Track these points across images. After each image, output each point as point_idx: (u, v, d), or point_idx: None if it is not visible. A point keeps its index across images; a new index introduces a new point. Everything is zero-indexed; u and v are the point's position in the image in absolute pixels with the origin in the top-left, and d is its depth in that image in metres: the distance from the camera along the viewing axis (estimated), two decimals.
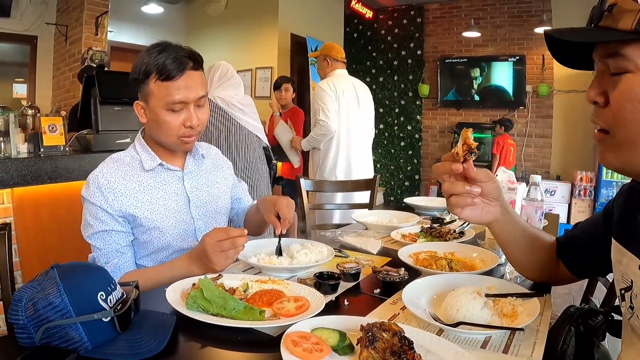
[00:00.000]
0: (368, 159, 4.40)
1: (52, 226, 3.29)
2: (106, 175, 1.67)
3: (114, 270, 1.62)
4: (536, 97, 8.24)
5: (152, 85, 1.63)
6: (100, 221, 1.64)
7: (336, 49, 4.28)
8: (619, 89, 0.91)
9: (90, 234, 1.65)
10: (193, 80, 1.65)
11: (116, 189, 1.66)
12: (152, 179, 1.74)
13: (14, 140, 3.26)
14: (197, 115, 1.68)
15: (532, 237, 1.42)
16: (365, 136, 4.34)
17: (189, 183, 1.82)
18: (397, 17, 9.49)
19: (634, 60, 0.88)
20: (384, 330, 1.01)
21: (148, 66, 1.62)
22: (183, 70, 1.62)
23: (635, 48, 0.87)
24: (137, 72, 1.65)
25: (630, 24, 0.85)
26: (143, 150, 1.76)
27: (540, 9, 7.99)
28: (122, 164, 1.73)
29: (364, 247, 1.99)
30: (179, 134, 1.68)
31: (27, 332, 1.02)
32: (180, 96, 1.62)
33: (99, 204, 1.64)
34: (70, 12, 6.68)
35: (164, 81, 1.61)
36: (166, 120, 1.65)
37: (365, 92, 4.33)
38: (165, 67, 1.60)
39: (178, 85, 1.62)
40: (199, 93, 1.67)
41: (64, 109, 5.72)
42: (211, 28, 8.25)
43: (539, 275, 1.48)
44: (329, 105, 4.01)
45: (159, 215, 1.71)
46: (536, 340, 1.15)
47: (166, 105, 1.63)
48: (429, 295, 1.39)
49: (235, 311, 1.24)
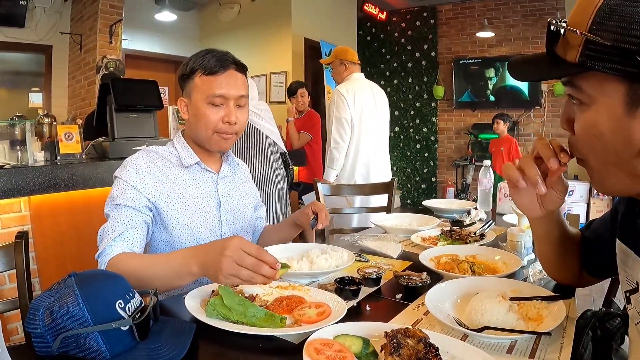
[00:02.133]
0: (386, 162, 4.36)
1: (70, 234, 3.30)
2: (146, 160, 1.70)
3: (116, 238, 1.54)
4: (552, 97, 8.15)
5: (196, 79, 1.72)
6: (125, 196, 1.63)
7: (351, 52, 4.24)
8: (580, 124, 0.89)
9: (110, 205, 1.64)
10: (235, 79, 1.73)
11: (153, 175, 1.68)
12: (187, 176, 1.76)
13: (31, 148, 3.28)
14: (236, 113, 1.72)
15: (569, 238, 1.35)
16: (382, 139, 4.31)
17: (222, 187, 1.84)
18: (410, 18, 9.46)
19: (586, 92, 0.85)
20: (408, 336, 0.99)
21: (195, 64, 1.72)
22: (226, 68, 1.71)
23: (585, 79, 0.85)
24: (185, 69, 1.75)
25: (575, 56, 0.83)
26: (182, 147, 1.80)
27: (553, 7, 7.92)
28: (159, 157, 1.75)
29: (384, 251, 1.96)
30: (217, 128, 1.72)
31: (44, 341, 1.02)
32: (222, 90, 1.69)
33: (132, 182, 1.64)
34: (85, 21, 6.74)
35: (207, 75, 1.70)
36: (206, 114, 1.70)
37: (381, 95, 4.30)
38: (210, 63, 1.70)
39: (220, 80, 1.70)
40: (240, 92, 1.74)
41: (79, 117, 5.78)
42: (225, 34, 8.28)
43: (565, 276, 1.45)
44: (345, 114, 3.98)
45: (188, 211, 1.72)
46: (562, 344, 1.13)
47: (207, 98, 1.70)
48: (452, 300, 1.36)
49: (255, 318, 1.22)
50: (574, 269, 1.40)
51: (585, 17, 0.82)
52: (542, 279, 1.56)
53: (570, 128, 0.94)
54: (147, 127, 3.75)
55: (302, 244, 1.79)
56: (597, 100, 0.84)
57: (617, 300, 1.97)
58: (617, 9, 0.77)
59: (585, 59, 0.81)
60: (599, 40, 0.79)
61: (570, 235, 1.36)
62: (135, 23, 7.53)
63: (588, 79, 0.84)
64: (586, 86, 0.85)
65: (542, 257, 1.43)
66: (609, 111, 0.83)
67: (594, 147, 0.88)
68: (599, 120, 0.85)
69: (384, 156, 4.35)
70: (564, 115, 0.96)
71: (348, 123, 4.00)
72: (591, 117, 0.86)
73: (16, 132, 3.29)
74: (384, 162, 4.31)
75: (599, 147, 0.87)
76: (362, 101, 4.07)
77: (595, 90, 0.84)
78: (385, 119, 4.33)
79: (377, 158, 4.22)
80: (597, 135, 0.86)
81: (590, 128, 0.87)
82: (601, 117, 0.84)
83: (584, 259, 1.36)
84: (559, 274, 1.46)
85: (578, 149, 0.95)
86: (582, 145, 0.92)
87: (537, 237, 1.37)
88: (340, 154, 4.04)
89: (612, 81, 0.81)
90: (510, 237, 1.91)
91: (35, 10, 6.59)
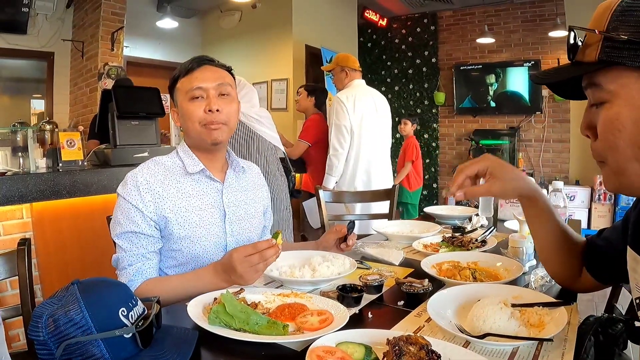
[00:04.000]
0: (387, 169, 4.40)
1: (72, 240, 3.30)
2: (145, 176, 1.69)
3: (135, 274, 1.61)
4: (552, 102, 8.16)
5: (178, 85, 1.78)
6: (131, 221, 1.64)
7: (352, 59, 4.30)
8: (602, 121, 0.94)
9: (118, 233, 1.65)
10: (211, 71, 1.77)
11: (154, 190, 1.67)
12: (191, 186, 1.75)
13: (33, 155, 3.28)
14: (218, 102, 1.73)
15: (564, 232, 1.42)
16: (383, 146, 4.36)
17: (227, 197, 1.82)
18: (410, 25, 9.49)
19: (606, 88, 0.91)
20: (410, 343, 0.99)
21: (175, 73, 1.80)
22: (201, 64, 1.76)
23: (604, 75, 0.91)
24: (170, 82, 1.82)
25: (594, 55, 0.90)
26: (186, 155, 1.79)
27: (553, 12, 7.94)
28: (162, 167, 1.75)
29: (385, 258, 1.96)
30: (202, 120, 1.72)
31: (47, 348, 1.01)
32: (198, 82, 1.73)
33: (134, 202, 1.64)
34: (86, 28, 6.76)
35: (185, 76, 1.76)
36: (188, 109, 1.73)
37: (383, 102, 4.35)
38: (186, 65, 1.77)
39: (196, 75, 1.74)
40: (219, 80, 1.76)
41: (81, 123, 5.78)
42: (226, 41, 8.29)
43: (564, 276, 1.48)
44: (345, 122, 4.05)
45: (192, 224, 1.71)
46: (564, 350, 1.13)
47: (187, 94, 1.73)
48: (454, 307, 1.36)
49: (258, 326, 1.22)
50: (572, 266, 1.43)
51: (602, 20, 0.90)
52: (543, 285, 1.57)
53: (592, 134, 0.98)
54: (149, 134, 3.76)
55: (304, 252, 1.79)
56: (617, 94, 0.90)
57: (619, 306, 1.97)
58: (630, 8, 0.86)
59: (604, 56, 0.89)
60: (616, 36, 0.87)
61: (565, 230, 1.43)
62: (137, 30, 7.55)
63: (607, 75, 0.90)
64: (606, 82, 0.91)
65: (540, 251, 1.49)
66: (629, 103, 0.88)
67: (616, 143, 0.92)
68: (620, 112, 0.90)
69: (385, 163, 4.37)
70: (584, 122, 0.99)
71: (347, 130, 4.06)
72: (613, 112, 0.91)
73: (18, 139, 3.28)
74: (385, 169, 4.34)
75: (620, 142, 0.91)
76: (362, 108, 4.11)
77: (615, 84, 0.89)
78: (386, 125, 4.37)
79: (378, 164, 4.25)
80: (619, 129, 0.90)
81: (613, 122, 0.91)
82: (622, 110, 0.89)
83: (593, 265, 1.39)
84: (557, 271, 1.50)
85: (599, 152, 0.98)
86: (603, 144, 0.95)
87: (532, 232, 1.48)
88: (340, 161, 4.10)
89: (630, 73, 0.87)
90: (511, 243, 1.91)
91: (37, 17, 6.60)
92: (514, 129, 8.45)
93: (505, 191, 1.37)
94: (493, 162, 1.35)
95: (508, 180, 1.35)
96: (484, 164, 1.35)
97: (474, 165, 1.35)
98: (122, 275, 1.63)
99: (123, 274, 1.62)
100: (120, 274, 1.64)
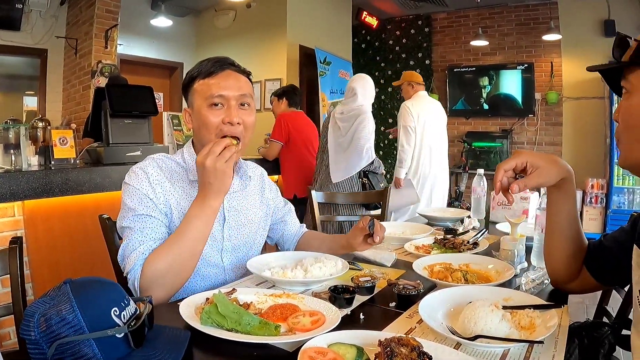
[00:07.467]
0: (444, 164, 5.34)
1: (63, 238, 3.29)
2: (156, 169, 1.69)
3: (144, 252, 1.55)
4: (545, 105, 8.21)
5: (196, 86, 1.72)
6: (144, 205, 1.62)
7: (416, 75, 5.39)
8: (622, 107, 1.19)
9: (130, 216, 1.61)
10: (234, 78, 1.72)
11: (163, 184, 1.67)
12: (194, 190, 1.69)
13: (25, 152, 3.27)
14: (239, 114, 1.69)
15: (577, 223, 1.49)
16: (441, 145, 5.28)
17: (229, 202, 1.81)
18: (404, 27, 9.52)
19: (631, 82, 1.16)
20: (402, 345, 1.00)
21: (193, 71, 1.74)
22: (223, 68, 1.71)
23: (632, 73, 1.15)
24: (186, 79, 1.76)
25: (629, 56, 1.14)
26: (191, 158, 1.76)
27: (547, 16, 8.00)
28: (167, 167, 1.74)
29: (377, 260, 1.96)
30: (219, 131, 1.67)
31: (39, 347, 1.01)
32: (220, 91, 1.67)
33: (144, 190, 1.63)
34: (80, 25, 6.74)
35: (205, 79, 1.70)
36: (207, 116, 1.68)
37: (440, 109, 5.37)
38: (207, 67, 1.71)
39: (218, 81, 1.69)
40: (241, 90, 1.71)
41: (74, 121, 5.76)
42: (220, 40, 8.27)
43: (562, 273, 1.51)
44: (411, 123, 5.01)
45: None
46: (555, 352, 1.14)
47: (207, 100, 1.68)
48: (445, 308, 1.37)
49: (250, 326, 1.22)
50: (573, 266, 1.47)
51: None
52: (534, 287, 1.57)
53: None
54: (142, 132, 3.75)
55: (297, 252, 1.78)
56: (637, 87, 1.14)
57: (609, 308, 1.99)
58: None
59: (634, 58, 1.13)
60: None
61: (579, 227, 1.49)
62: (131, 28, 7.53)
63: (634, 72, 1.14)
64: (632, 78, 1.15)
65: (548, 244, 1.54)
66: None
67: (628, 125, 1.17)
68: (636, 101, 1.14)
69: (443, 159, 5.34)
70: (617, 109, 1.21)
71: (412, 130, 5.01)
72: (631, 101, 1.15)
73: (10, 136, 3.27)
74: (442, 164, 5.31)
75: (631, 124, 1.16)
76: (424, 114, 5.09)
77: (637, 79, 1.14)
78: (442, 127, 5.35)
79: (436, 160, 5.18)
80: (631, 114, 1.16)
81: (628, 109, 1.16)
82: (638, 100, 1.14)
83: (596, 266, 1.43)
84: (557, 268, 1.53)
85: (618, 132, 1.22)
86: (621, 126, 1.20)
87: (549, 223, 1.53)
88: (407, 155, 5.04)
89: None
90: (503, 245, 1.92)
91: (31, 13, 6.58)
92: (507, 132, 8.48)
93: (551, 177, 1.41)
94: (528, 154, 1.41)
95: (550, 166, 1.40)
96: (521, 158, 1.40)
97: (511, 161, 1.41)
98: (132, 256, 1.55)
99: (133, 255, 1.55)
100: (131, 256, 1.55)
